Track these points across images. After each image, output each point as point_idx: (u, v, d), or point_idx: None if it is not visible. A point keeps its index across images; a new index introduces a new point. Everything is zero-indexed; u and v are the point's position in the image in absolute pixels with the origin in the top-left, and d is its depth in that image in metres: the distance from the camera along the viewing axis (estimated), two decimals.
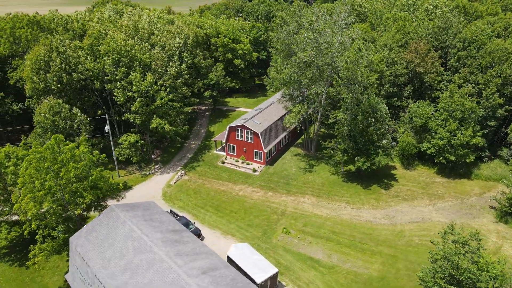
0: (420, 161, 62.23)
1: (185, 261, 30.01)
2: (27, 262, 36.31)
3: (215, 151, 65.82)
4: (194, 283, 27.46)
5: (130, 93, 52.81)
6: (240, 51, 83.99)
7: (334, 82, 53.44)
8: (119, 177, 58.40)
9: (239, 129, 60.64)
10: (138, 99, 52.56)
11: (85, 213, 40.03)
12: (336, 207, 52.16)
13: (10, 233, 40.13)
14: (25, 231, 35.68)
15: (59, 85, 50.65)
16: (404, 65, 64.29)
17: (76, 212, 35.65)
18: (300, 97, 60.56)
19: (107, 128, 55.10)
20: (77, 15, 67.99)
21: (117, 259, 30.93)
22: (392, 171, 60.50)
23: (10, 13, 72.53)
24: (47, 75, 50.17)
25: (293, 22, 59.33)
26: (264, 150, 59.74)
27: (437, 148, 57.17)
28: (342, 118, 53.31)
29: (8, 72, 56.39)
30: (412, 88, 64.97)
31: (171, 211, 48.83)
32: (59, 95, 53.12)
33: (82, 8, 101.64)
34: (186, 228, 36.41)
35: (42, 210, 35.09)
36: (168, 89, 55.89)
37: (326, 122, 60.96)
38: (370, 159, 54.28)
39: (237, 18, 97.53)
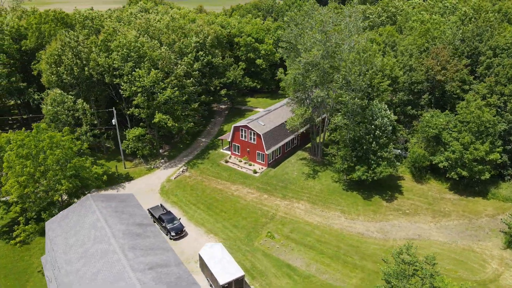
0: (433, 175, 58.28)
1: (137, 255, 30.60)
2: (11, 241, 39.01)
3: (221, 150, 66.30)
4: (136, 277, 27.94)
5: (135, 88, 54.75)
6: (263, 51, 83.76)
7: (334, 84, 51.48)
8: (125, 168, 60.76)
9: (243, 129, 60.57)
10: (139, 93, 54.39)
11: (72, 200, 42.10)
12: (329, 216, 50.39)
13: (8, 213, 43.18)
14: (10, 212, 38.30)
15: (69, 78, 53.85)
16: (424, 72, 60.51)
17: (54, 198, 37.65)
18: (308, 100, 59.12)
19: (114, 121, 57.56)
20: (97, 11, 71.81)
21: (77, 247, 32.27)
22: (400, 183, 57.28)
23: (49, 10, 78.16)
24: (59, 68, 53.52)
25: (305, 22, 57.97)
26: (266, 152, 59.13)
27: (450, 162, 53.27)
28: (340, 122, 51.32)
29: (32, 64, 60.95)
30: (430, 96, 60.99)
31: (161, 205, 49.96)
32: (72, 87, 56.40)
33: (117, 6, 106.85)
34: (152, 223, 37.00)
35: (27, 194, 37.46)
36: (174, 87, 57.15)
37: (327, 128, 59.02)
38: (371, 169, 51.78)
39: (265, 19, 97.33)
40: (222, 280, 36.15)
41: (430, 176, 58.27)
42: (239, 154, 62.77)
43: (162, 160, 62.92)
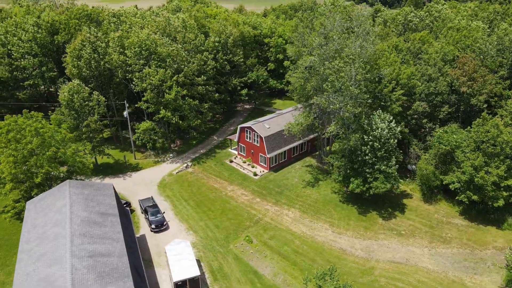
0: (445, 196, 53.26)
1: (83, 242, 32.12)
2: (2, 215, 43.05)
3: (229, 150, 66.69)
4: (71, 262, 29.38)
5: (145, 85, 57.21)
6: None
7: (325, 93, 49.14)
8: (135, 159, 63.74)
9: (248, 130, 60.37)
10: (148, 90, 56.74)
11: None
12: (316, 227, 48.41)
13: (12, 190, 47.49)
14: (15, 190, 42.22)
15: (88, 71, 57.89)
16: (447, 82, 55.42)
17: (36, 180, 40.76)
18: (313, 107, 57.13)
19: (126, 113, 60.68)
20: (123, 9, 75.97)
21: (39, 228, 34.74)
22: (405, 201, 53.23)
23: (93, 7, 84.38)
24: (80, 61, 57.78)
25: (315, 26, 56.09)
26: (267, 155, 58.34)
27: (462, 184, 48.28)
28: (334, 131, 48.91)
29: (63, 57, 66.41)
30: (450, 109, 55.72)
31: (152, 197, 51.69)
32: (93, 79, 60.45)
33: (160, 3, 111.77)
34: (116, 213, 38.17)
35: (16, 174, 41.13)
36: (183, 86, 58.62)
37: (323, 136, 56.49)
38: (368, 182, 48.76)
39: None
40: (175, 278, 36.65)
41: (441, 197, 53.35)
42: (245, 155, 62.70)
43: (171, 155, 64.91)
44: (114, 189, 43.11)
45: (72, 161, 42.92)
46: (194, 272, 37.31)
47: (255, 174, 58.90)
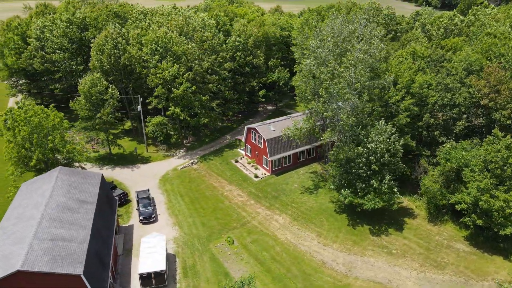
0: (452, 217, 48.91)
1: (51, 225, 34.14)
2: (6, 195, 47.18)
3: (238, 150, 66.78)
4: (30, 243, 31.39)
5: (157, 80, 59.23)
6: None
7: (321, 99, 47.14)
8: (147, 152, 66.26)
9: (253, 131, 60.08)
10: (159, 86, 58.68)
11: None
12: (302, 236, 46.93)
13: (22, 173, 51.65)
14: (8, 170, 46.31)
15: (108, 66, 61.21)
16: (469, 94, 50.71)
17: (31, 164, 44.05)
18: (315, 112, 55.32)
19: (139, 107, 63.27)
20: (151, 8, 78.80)
21: (21, 208, 37.50)
22: (407, 218, 49.78)
23: (131, 4, 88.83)
24: (102, 56, 61.25)
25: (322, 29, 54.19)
26: (269, 158, 57.61)
27: (468, 206, 44.02)
28: (327, 139, 46.89)
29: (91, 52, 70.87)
30: (468, 123, 50.90)
31: (148, 190, 53.43)
32: (115, 72, 63.74)
33: (197, 2, 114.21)
34: (94, 201, 39.77)
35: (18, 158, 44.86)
36: (196, 83, 59.81)
37: (319, 142, 54.18)
38: (360, 197, 46.24)
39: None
40: (140, 270, 37.65)
41: (448, 218, 49.09)
42: (251, 156, 62.48)
43: (181, 150, 66.54)
44: (103, 178, 45.27)
45: (62, 147, 45.61)
46: (160, 266, 38.00)
47: (256, 176, 58.44)
